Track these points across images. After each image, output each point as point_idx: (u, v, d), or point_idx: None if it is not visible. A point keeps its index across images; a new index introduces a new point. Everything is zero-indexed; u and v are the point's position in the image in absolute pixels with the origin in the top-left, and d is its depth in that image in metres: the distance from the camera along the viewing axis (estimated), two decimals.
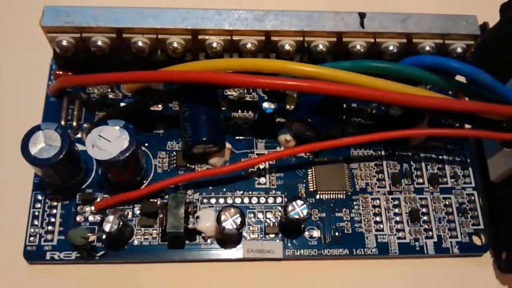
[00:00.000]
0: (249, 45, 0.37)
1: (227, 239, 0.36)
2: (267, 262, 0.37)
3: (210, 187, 0.38)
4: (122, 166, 0.34)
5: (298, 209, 0.34)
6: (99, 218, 0.36)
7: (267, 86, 0.37)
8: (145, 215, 0.36)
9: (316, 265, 0.37)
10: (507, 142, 0.37)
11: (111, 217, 0.33)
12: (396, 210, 0.38)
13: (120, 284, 0.36)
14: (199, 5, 0.37)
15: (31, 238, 0.35)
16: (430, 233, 0.38)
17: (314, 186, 0.38)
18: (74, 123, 0.39)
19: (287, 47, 0.37)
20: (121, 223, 0.33)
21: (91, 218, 0.36)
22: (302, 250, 0.37)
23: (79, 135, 0.39)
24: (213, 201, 0.38)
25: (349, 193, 0.39)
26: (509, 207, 0.38)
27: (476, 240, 0.38)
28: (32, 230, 0.36)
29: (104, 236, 0.35)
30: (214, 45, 0.37)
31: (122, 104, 0.38)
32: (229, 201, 0.38)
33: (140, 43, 0.36)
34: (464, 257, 0.38)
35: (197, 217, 0.35)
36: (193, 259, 0.36)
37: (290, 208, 0.34)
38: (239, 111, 0.41)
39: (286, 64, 0.35)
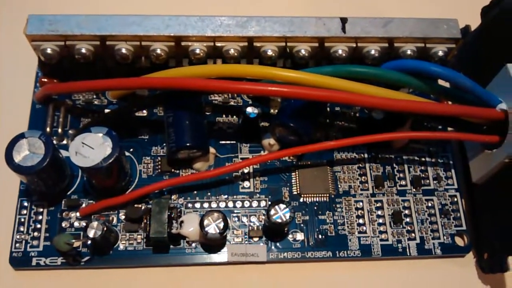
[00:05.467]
0: (232, 51, 0.37)
1: (211, 243, 0.36)
2: (252, 266, 0.37)
3: (195, 192, 0.38)
4: (106, 172, 0.34)
5: (281, 213, 0.35)
6: (84, 224, 0.36)
7: (248, 92, 0.38)
8: (130, 220, 0.37)
9: (300, 267, 0.37)
10: (487, 144, 0.37)
11: (95, 223, 0.34)
12: (379, 212, 0.39)
13: None
14: (182, 12, 0.38)
15: (17, 245, 0.36)
16: (413, 234, 0.38)
17: (298, 189, 0.39)
18: (60, 130, 0.39)
19: (269, 52, 0.37)
20: (105, 229, 0.34)
21: (76, 224, 0.37)
22: (285, 253, 0.37)
23: (64, 142, 0.39)
24: (197, 205, 0.38)
25: (332, 196, 0.39)
26: (490, 209, 0.38)
27: (459, 241, 0.39)
28: (18, 237, 0.36)
29: (88, 242, 0.35)
30: (197, 51, 0.37)
31: (107, 111, 0.39)
32: (214, 205, 0.38)
33: (123, 50, 0.37)
34: (447, 258, 0.38)
35: (181, 222, 0.36)
36: (178, 264, 0.36)
37: (272, 212, 0.35)
38: (223, 115, 0.41)
39: (268, 70, 0.35)
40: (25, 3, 0.45)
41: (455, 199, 0.40)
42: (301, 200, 0.39)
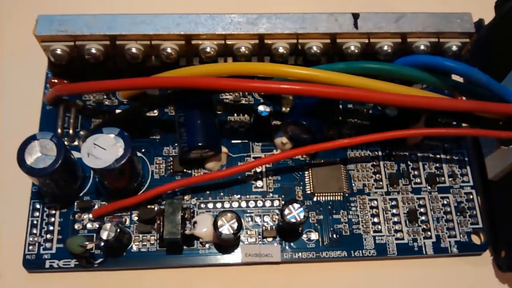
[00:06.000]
0: (243, 49, 0.37)
1: (225, 244, 0.36)
2: (266, 266, 0.37)
3: (207, 192, 0.38)
4: (118, 173, 0.34)
5: (295, 212, 0.34)
6: (97, 226, 0.36)
7: (260, 90, 0.37)
8: (143, 221, 0.36)
9: (315, 267, 0.37)
10: (504, 140, 0.37)
11: (108, 225, 0.33)
12: (394, 211, 0.38)
13: None
14: (192, 10, 0.37)
15: (30, 247, 0.36)
16: (429, 233, 0.38)
17: (311, 188, 0.38)
18: (71, 131, 0.39)
19: (281, 49, 0.37)
20: (118, 230, 0.33)
21: (89, 225, 0.36)
22: (300, 253, 0.37)
23: (75, 143, 0.39)
24: (210, 205, 0.38)
25: (347, 195, 0.39)
26: (507, 205, 0.38)
27: (475, 239, 0.38)
28: (31, 239, 0.36)
29: (102, 244, 0.35)
30: (208, 49, 0.37)
31: (117, 111, 0.38)
32: (227, 205, 0.38)
33: (134, 50, 0.36)
34: (463, 257, 0.38)
35: (195, 222, 0.36)
36: (192, 265, 0.36)
37: (286, 211, 0.34)
38: (235, 114, 0.41)
39: (280, 67, 0.35)
40: (34, 3, 0.45)
41: (471, 197, 0.39)
42: (315, 199, 0.38)
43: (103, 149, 0.33)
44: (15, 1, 0.46)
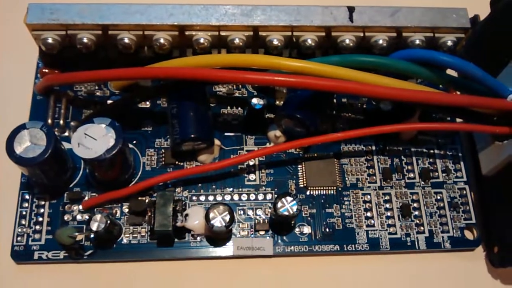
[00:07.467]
0: (237, 41, 0.36)
1: (217, 237, 0.36)
2: (258, 259, 0.37)
3: (199, 184, 0.38)
4: (109, 164, 0.33)
5: (288, 205, 0.34)
6: (87, 217, 0.36)
7: (254, 82, 0.37)
8: (134, 213, 0.36)
9: (307, 261, 0.37)
10: (498, 136, 0.37)
11: (98, 216, 0.33)
12: (387, 206, 0.38)
13: (109, 283, 0.35)
14: (186, 0, 0.37)
15: (19, 238, 0.35)
16: (422, 228, 0.38)
17: (305, 182, 0.38)
18: (61, 121, 0.38)
19: (275, 42, 0.37)
20: (108, 222, 0.33)
21: (79, 217, 0.36)
22: (292, 247, 0.36)
23: (66, 134, 0.38)
24: (202, 198, 0.37)
25: (340, 189, 0.38)
26: (500, 201, 0.37)
27: (468, 235, 0.38)
28: (19, 230, 0.35)
29: (92, 235, 0.34)
30: (202, 41, 0.36)
31: (109, 102, 0.38)
32: (219, 198, 0.37)
33: (126, 40, 0.36)
34: (456, 252, 0.38)
35: (186, 215, 0.35)
36: (183, 257, 0.36)
37: (279, 204, 0.34)
38: (228, 107, 0.40)
39: (274, 60, 0.34)
40: None
41: (464, 192, 0.39)
42: (308, 193, 0.38)
43: (94, 139, 0.33)
44: None
